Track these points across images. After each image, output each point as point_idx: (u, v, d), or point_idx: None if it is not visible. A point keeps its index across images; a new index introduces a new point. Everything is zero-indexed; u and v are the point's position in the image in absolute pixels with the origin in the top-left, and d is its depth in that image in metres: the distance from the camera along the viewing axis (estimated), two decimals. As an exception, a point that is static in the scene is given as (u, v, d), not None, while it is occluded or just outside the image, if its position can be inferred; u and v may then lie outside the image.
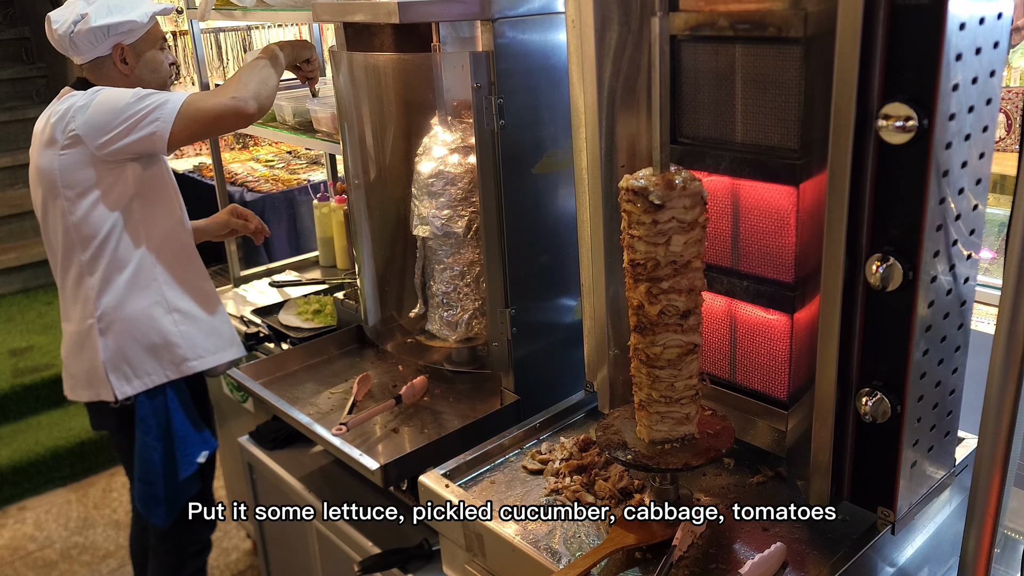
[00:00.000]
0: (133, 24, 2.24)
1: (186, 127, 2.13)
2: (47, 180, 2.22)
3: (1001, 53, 1.09)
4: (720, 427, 1.41)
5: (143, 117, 2.11)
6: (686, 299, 1.27)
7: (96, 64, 2.28)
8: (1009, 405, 1.05)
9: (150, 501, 2.42)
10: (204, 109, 2.13)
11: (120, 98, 2.14)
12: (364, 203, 2.14)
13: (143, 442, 2.36)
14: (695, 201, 1.22)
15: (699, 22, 1.34)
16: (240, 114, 2.13)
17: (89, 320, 2.31)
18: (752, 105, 1.33)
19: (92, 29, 2.19)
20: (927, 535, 1.41)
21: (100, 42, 2.23)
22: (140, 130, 2.11)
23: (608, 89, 1.42)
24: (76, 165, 2.17)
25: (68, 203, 2.21)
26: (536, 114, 1.79)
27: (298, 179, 4.31)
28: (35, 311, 5.18)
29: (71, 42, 2.22)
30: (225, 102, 2.12)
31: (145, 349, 2.33)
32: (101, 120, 2.12)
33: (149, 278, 2.32)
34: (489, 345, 1.92)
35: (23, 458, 4.04)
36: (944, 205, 1.09)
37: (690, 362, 1.32)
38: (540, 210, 1.87)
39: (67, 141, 2.15)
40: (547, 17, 1.75)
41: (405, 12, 1.69)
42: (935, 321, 1.16)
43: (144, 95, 2.14)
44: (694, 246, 1.24)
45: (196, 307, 2.41)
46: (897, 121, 1.03)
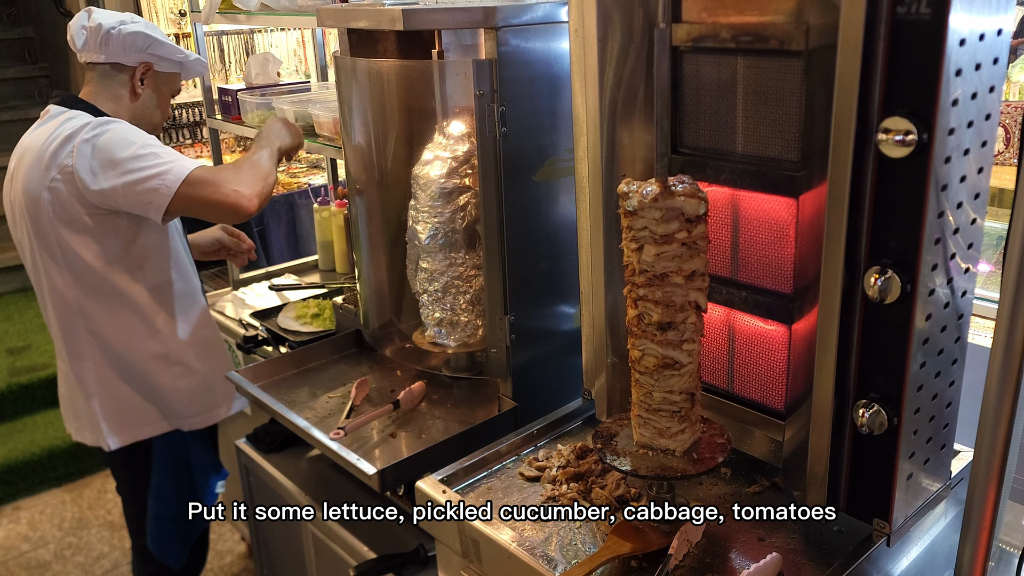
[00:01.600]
0: (172, 53, 2.21)
1: (184, 204, 2.01)
2: (35, 214, 2.07)
3: (1000, 69, 1.10)
4: (717, 437, 1.41)
5: (144, 179, 1.98)
6: (661, 312, 1.28)
7: (108, 71, 2.17)
8: (1005, 419, 1.06)
9: (166, 540, 2.34)
10: (205, 194, 2.00)
11: (127, 146, 2.00)
12: (365, 208, 2.15)
13: (160, 476, 2.30)
14: (668, 216, 1.22)
15: (701, 34, 1.35)
16: (239, 212, 2.02)
17: (85, 363, 2.20)
18: (753, 116, 1.34)
19: (137, 34, 2.13)
20: (922, 548, 1.41)
21: (134, 51, 2.15)
22: (137, 192, 1.99)
23: (610, 98, 1.42)
24: (67, 202, 2.03)
25: (58, 237, 2.08)
26: (538, 122, 1.80)
27: (298, 183, 4.32)
28: (33, 310, 5.17)
29: (107, 37, 2.10)
30: (228, 192, 1.99)
31: (142, 401, 2.25)
32: (99, 165, 1.99)
33: (151, 327, 2.22)
34: (488, 351, 1.93)
35: (18, 458, 4.04)
36: (943, 219, 1.10)
37: (668, 377, 1.33)
38: (540, 217, 1.88)
39: (59, 175, 2.01)
40: (550, 26, 1.76)
41: (409, 19, 1.69)
42: (933, 334, 1.16)
43: (151, 151, 2.01)
44: (670, 261, 1.25)
45: (197, 360, 2.32)
46: (897, 135, 1.04)
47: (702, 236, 1.26)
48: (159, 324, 2.23)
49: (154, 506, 2.32)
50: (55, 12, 5.49)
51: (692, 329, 1.30)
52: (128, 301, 2.18)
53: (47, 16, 5.75)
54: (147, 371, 2.25)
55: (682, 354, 1.31)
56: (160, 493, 2.31)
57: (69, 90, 5.84)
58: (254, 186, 2.05)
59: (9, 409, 4.35)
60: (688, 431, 1.37)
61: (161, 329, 2.23)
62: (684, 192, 1.22)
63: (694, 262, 1.26)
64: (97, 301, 2.16)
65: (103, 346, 2.20)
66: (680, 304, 1.28)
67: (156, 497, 2.32)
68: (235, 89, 3.04)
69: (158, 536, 2.35)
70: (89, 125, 2.03)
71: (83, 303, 2.16)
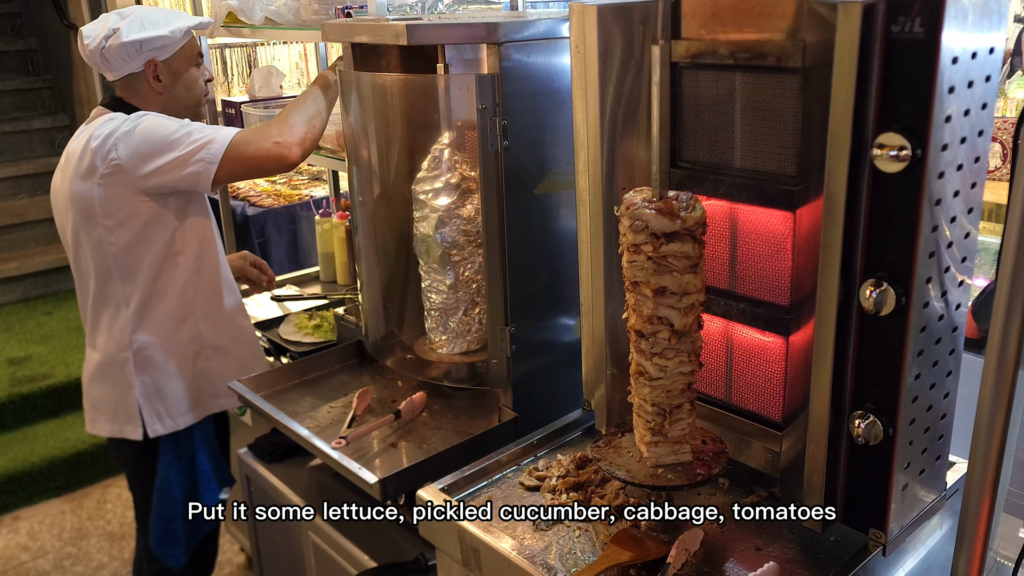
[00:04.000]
0: (166, 40, 2.19)
1: (231, 169, 2.11)
2: (84, 208, 2.16)
3: (993, 86, 1.13)
4: (715, 448, 1.43)
5: (189, 155, 2.07)
6: (635, 318, 1.32)
7: (129, 81, 2.24)
8: (998, 431, 1.07)
9: (167, 540, 2.36)
10: (248, 154, 2.10)
11: (164, 130, 2.09)
12: (367, 220, 2.17)
13: (165, 475, 2.32)
14: (636, 228, 1.25)
15: (700, 50, 1.37)
16: (283, 161, 2.11)
17: (124, 353, 2.25)
18: (751, 132, 1.36)
19: (124, 44, 2.14)
20: (918, 559, 1.42)
21: (132, 58, 2.18)
22: (185, 167, 2.08)
23: (610, 113, 1.45)
24: (118, 195, 2.12)
25: (107, 232, 2.16)
26: (539, 135, 1.83)
27: (300, 194, 4.34)
28: (34, 320, 5.19)
29: (102, 58, 2.17)
30: (269, 147, 2.09)
31: (180, 386, 2.30)
32: (145, 152, 2.08)
33: (187, 311, 2.28)
34: (488, 362, 1.94)
35: (18, 468, 4.04)
36: (937, 233, 1.12)
37: (641, 385, 1.35)
38: (541, 230, 1.90)
39: (108, 170, 2.10)
40: (551, 41, 1.79)
41: (413, 34, 1.72)
42: (927, 346, 1.18)
43: (190, 130, 2.10)
44: (639, 271, 1.27)
45: (230, 342, 2.38)
46: (891, 150, 1.06)
47: (677, 255, 1.25)
48: (195, 307, 2.29)
49: (157, 505, 2.35)
50: (59, 24, 5.53)
51: (664, 345, 1.31)
52: (168, 288, 2.25)
53: (51, 28, 5.78)
54: (184, 355, 2.31)
55: (652, 366, 1.33)
56: (164, 493, 2.34)
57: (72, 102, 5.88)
58: (295, 133, 2.12)
59: (9, 419, 4.35)
60: (663, 447, 1.38)
61: (196, 311, 2.29)
62: (656, 207, 1.24)
63: (664, 279, 1.26)
64: (137, 287, 2.23)
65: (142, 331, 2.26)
66: (648, 316, 1.30)
67: (160, 496, 2.34)
68: (239, 102, 3.07)
69: (159, 535, 2.37)
70: (126, 120, 2.13)
71: (129, 292, 2.23)
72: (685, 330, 1.30)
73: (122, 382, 2.28)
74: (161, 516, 2.35)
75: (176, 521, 2.35)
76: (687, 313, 1.29)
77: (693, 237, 1.26)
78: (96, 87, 5.46)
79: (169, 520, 2.35)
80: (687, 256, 1.26)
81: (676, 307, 1.28)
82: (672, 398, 1.35)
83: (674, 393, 1.35)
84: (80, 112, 5.84)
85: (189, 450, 2.35)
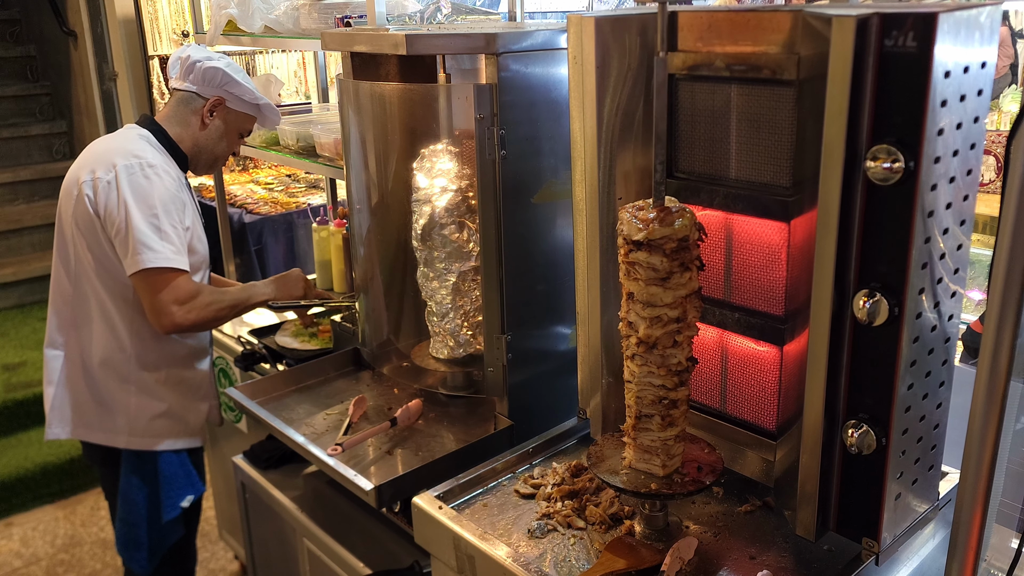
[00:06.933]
0: (245, 94, 2.32)
1: (136, 285, 2.15)
2: (67, 197, 2.22)
3: (985, 100, 1.14)
4: (708, 457, 1.43)
5: (136, 240, 2.10)
6: (624, 325, 1.33)
7: (186, 100, 2.31)
8: (990, 442, 1.08)
9: (131, 544, 2.36)
10: (148, 293, 2.12)
11: (148, 201, 2.13)
12: (365, 228, 2.18)
13: (127, 480, 2.32)
14: (618, 228, 1.29)
15: (697, 62, 1.38)
16: (159, 325, 2.15)
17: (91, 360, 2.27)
18: (746, 143, 1.38)
19: (216, 70, 2.27)
20: (911, 569, 1.43)
21: (210, 84, 2.29)
22: (123, 243, 2.11)
23: (607, 123, 1.46)
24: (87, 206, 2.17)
25: (73, 232, 2.21)
26: (537, 145, 1.84)
27: (297, 202, 4.35)
28: (29, 327, 5.18)
29: (191, 67, 2.28)
30: (161, 308, 2.12)
31: (95, 405, 2.30)
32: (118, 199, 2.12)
33: (122, 340, 2.27)
34: (485, 370, 1.95)
35: (12, 474, 4.03)
36: (930, 244, 1.13)
37: (628, 390, 1.36)
38: (538, 239, 1.91)
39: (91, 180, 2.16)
40: (549, 52, 1.80)
41: (412, 44, 1.73)
42: (920, 356, 1.19)
43: (160, 225, 2.12)
44: (623, 277, 1.30)
45: (165, 390, 2.36)
46: (884, 163, 1.08)
47: (643, 264, 1.25)
48: (127, 339, 2.28)
49: (121, 509, 2.35)
50: (58, 31, 5.53)
51: (633, 350, 1.32)
52: (107, 311, 2.25)
53: (50, 34, 5.79)
54: (110, 380, 2.30)
55: (626, 368, 1.35)
56: (126, 498, 2.33)
57: (71, 108, 5.88)
58: (195, 315, 2.16)
59: (4, 425, 4.34)
60: (634, 450, 1.39)
61: (128, 347, 2.28)
62: (636, 213, 1.26)
63: (630, 284, 1.29)
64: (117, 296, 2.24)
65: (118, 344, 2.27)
66: (623, 317, 1.33)
67: (122, 501, 2.34)
68: (237, 109, 3.07)
69: (122, 539, 2.37)
70: (140, 160, 2.17)
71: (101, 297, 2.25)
72: (650, 341, 1.29)
73: (49, 382, 2.31)
74: (124, 520, 2.35)
75: (140, 526, 2.34)
76: (653, 325, 1.28)
77: (663, 251, 1.24)
78: (95, 94, 5.46)
79: (132, 525, 2.34)
80: (653, 268, 1.25)
81: (641, 315, 1.29)
82: (642, 406, 1.36)
83: (644, 401, 1.35)
84: (78, 119, 5.84)
85: (152, 456, 2.33)
